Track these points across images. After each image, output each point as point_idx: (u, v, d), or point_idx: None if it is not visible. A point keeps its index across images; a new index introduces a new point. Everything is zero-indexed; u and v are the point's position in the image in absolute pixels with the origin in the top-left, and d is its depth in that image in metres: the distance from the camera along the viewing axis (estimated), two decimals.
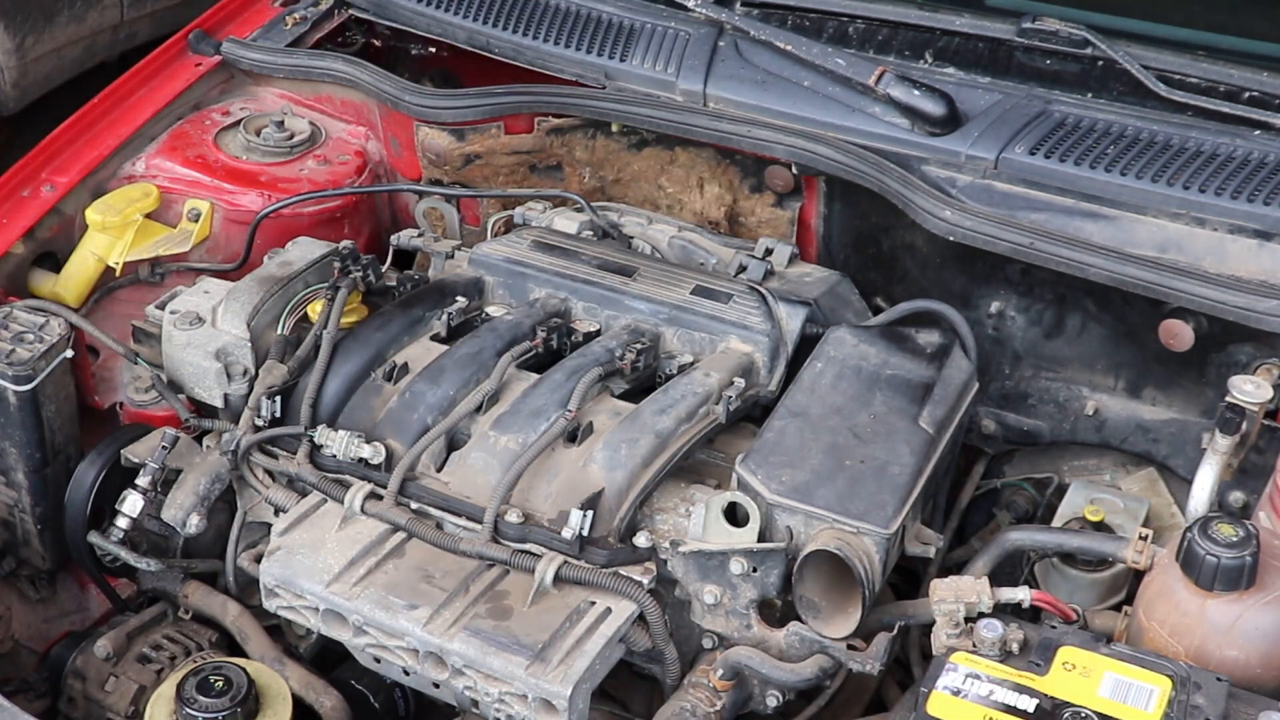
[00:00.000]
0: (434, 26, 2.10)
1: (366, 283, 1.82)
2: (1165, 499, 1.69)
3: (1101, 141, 1.68)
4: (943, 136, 1.72)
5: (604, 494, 1.49)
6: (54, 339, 1.73)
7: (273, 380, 1.69)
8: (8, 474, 1.76)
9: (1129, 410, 1.73)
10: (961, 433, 1.66)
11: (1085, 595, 1.56)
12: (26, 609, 1.87)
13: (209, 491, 1.67)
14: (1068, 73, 1.76)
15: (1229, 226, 1.59)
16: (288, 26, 2.20)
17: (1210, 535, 1.29)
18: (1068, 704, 1.21)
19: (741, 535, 1.44)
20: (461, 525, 1.53)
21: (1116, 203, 1.64)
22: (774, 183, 1.86)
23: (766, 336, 1.71)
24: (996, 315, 1.78)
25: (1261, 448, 1.57)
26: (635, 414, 1.57)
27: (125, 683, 1.65)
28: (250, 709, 1.50)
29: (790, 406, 1.58)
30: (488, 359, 1.68)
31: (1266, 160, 1.62)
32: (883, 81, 1.74)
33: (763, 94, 1.81)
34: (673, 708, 1.43)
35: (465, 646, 1.41)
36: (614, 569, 1.47)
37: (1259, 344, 1.61)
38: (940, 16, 1.82)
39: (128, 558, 1.69)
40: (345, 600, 1.46)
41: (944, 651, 1.29)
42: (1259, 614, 1.28)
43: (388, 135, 2.09)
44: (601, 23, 1.95)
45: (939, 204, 1.66)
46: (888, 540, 1.41)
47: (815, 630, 1.43)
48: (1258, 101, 1.68)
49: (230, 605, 1.70)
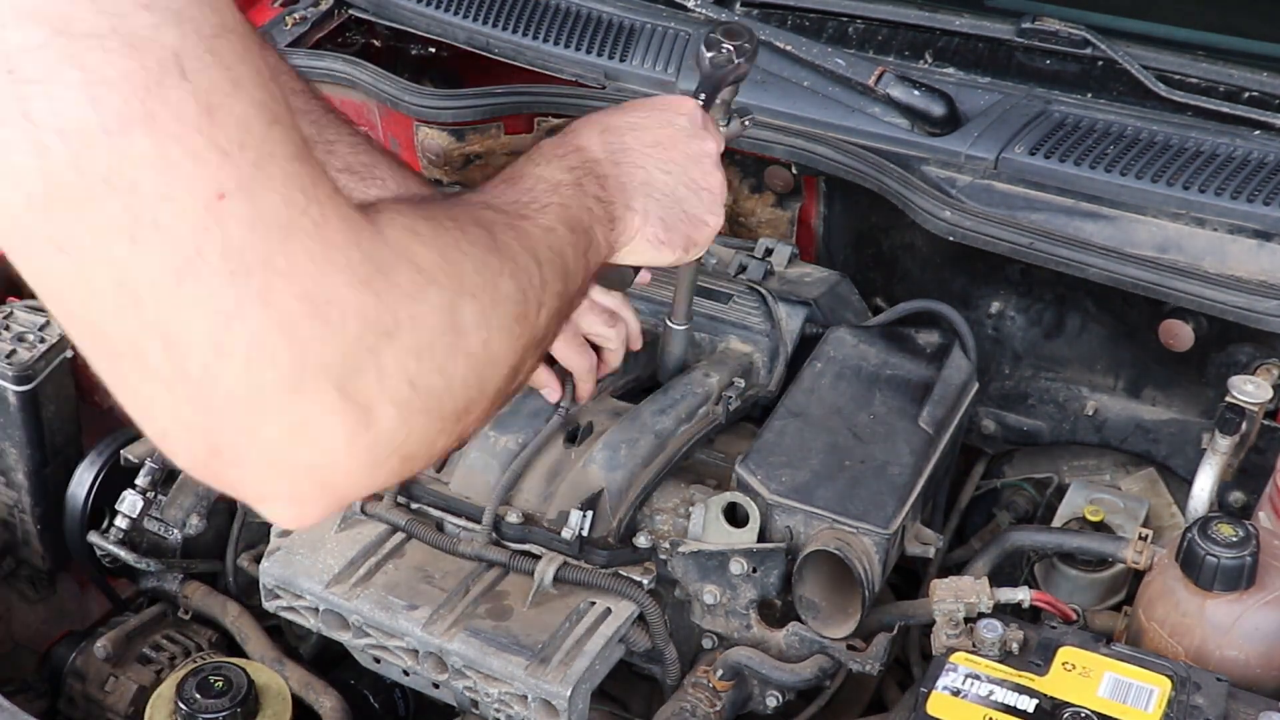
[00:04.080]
0: (434, 26, 2.10)
1: None
2: (1165, 499, 1.69)
3: (1101, 141, 1.68)
4: (943, 136, 1.72)
5: (604, 494, 1.49)
6: (54, 339, 1.73)
7: None
8: (7, 474, 1.76)
9: (1129, 410, 1.73)
10: (961, 433, 1.66)
11: (1085, 595, 1.56)
12: (26, 609, 1.87)
13: (209, 492, 1.67)
14: (1068, 73, 1.76)
15: (1229, 226, 1.59)
16: (287, 27, 2.20)
17: (1210, 535, 1.29)
18: (1067, 704, 1.21)
19: (741, 535, 1.44)
20: (461, 525, 1.53)
21: (1116, 203, 1.64)
22: (774, 183, 1.86)
23: (766, 336, 1.71)
24: (996, 315, 1.78)
25: (1261, 448, 1.56)
26: (635, 414, 1.57)
27: (125, 683, 1.65)
28: (250, 709, 1.50)
29: (790, 406, 1.58)
30: None
31: (1266, 160, 1.62)
32: (882, 81, 1.74)
33: (762, 94, 1.81)
34: (672, 708, 1.43)
35: (465, 647, 1.41)
36: (614, 569, 1.47)
37: (1259, 344, 1.60)
38: (940, 16, 1.82)
39: (127, 558, 1.68)
40: (345, 600, 1.46)
41: (944, 651, 1.29)
42: (1259, 614, 1.28)
43: (387, 135, 2.09)
44: (601, 23, 1.95)
45: (939, 204, 1.66)
46: (888, 540, 1.41)
47: (815, 630, 1.43)
48: (1258, 101, 1.67)
49: (230, 605, 1.70)
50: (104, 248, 0.77)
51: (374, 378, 0.85)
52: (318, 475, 0.86)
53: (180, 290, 0.78)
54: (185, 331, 0.79)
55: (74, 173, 0.74)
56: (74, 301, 0.82)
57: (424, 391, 0.88)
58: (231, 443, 0.83)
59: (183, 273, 0.77)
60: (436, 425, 0.91)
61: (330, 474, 0.86)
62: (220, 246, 0.78)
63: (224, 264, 0.78)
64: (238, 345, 0.80)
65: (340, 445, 0.85)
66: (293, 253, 0.80)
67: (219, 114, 0.77)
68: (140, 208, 0.76)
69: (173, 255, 0.77)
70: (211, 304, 0.79)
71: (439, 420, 0.91)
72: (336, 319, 0.82)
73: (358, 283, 0.83)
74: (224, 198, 0.77)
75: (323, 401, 0.83)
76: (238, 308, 0.79)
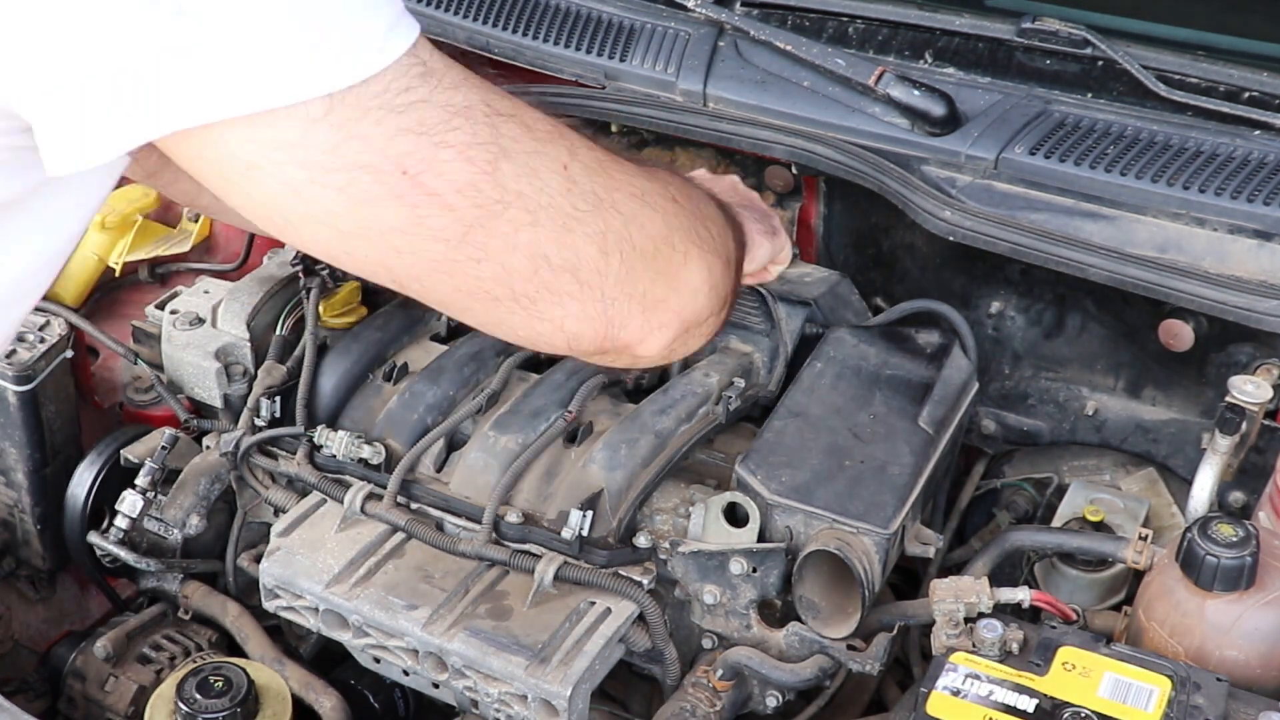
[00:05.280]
0: (434, 26, 2.10)
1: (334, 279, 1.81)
2: (1165, 499, 1.69)
3: (1101, 141, 1.68)
4: (943, 136, 1.72)
5: (604, 494, 1.49)
6: (54, 339, 1.73)
7: (272, 381, 1.69)
8: (7, 474, 1.76)
9: (1129, 410, 1.73)
10: (961, 433, 1.66)
11: (1085, 595, 1.56)
12: (26, 609, 1.87)
13: (209, 492, 1.67)
14: (1068, 73, 1.76)
15: (1229, 226, 1.59)
16: None
17: (1210, 535, 1.29)
18: (1067, 704, 1.21)
19: (741, 535, 1.44)
20: (461, 525, 1.53)
21: (1116, 203, 1.64)
22: (774, 183, 1.86)
23: (766, 336, 1.71)
24: (996, 315, 1.78)
25: (1261, 448, 1.56)
26: (635, 414, 1.57)
27: (125, 683, 1.65)
28: (250, 709, 1.50)
29: (790, 407, 1.58)
30: (488, 359, 1.69)
31: (1266, 160, 1.62)
32: (882, 81, 1.74)
33: (763, 94, 1.81)
34: (672, 708, 1.43)
35: (465, 647, 1.41)
36: (614, 569, 1.47)
37: (1259, 344, 1.60)
38: (940, 16, 1.82)
39: (127, 558, 1.68)
40: (345, 600, 1.46)
41: (944, 651, 1.29)
42: (1259, 614, 1.28)
43: None
44: (601, 23, 1.95)
45: (939, 204, 1.66)
46: (887, 540, 1.41)
47: (815, 630, 1.43)
48: (1258, 101, 1.67)
49: (230, 605, 1.70)
50: (510, 240, 1.07)
51: (706, 233, 1.29)
52: (683, 314, 1.25)
53: (569, 235, 1.10)
54: (579, 258, 1.12)
55: (477, 210, 1.04)
56: (489, 284, 1.09)
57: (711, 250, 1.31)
58: (621, 313, 1.17)
59: (567, 225, 1.10)
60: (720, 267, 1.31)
61: (692, 312, 1.26)
62: (580, 197, 1.11)
63: (586, 205, 1.11)
64: (614, 258, 1.14)
65: (700, 286, 1.26)
66: (617, 183, 1.16)
67: (538, 128, 1.10)
68: (531, 205, 1.07)
69: (559, 219, 1.09)
70: (591, 232, 1.12)
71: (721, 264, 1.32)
72: (661, 207, 1.22)
73: (670, 202, 1.24)
74: (566, 167, 1.10)
75: (687, 260, 1.24)
76: (605, 230, 1.13)
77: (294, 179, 0.97)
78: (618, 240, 1.15)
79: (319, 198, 0.98)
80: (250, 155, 0.96)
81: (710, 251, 1.29)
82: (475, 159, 1.02)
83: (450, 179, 1.01)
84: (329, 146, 0.96)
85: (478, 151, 1.02)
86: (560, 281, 1.12)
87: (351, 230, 1.01)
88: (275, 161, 0.96)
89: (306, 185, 0.97)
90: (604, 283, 1.15)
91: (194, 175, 1.00)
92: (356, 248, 1.04)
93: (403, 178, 0.99)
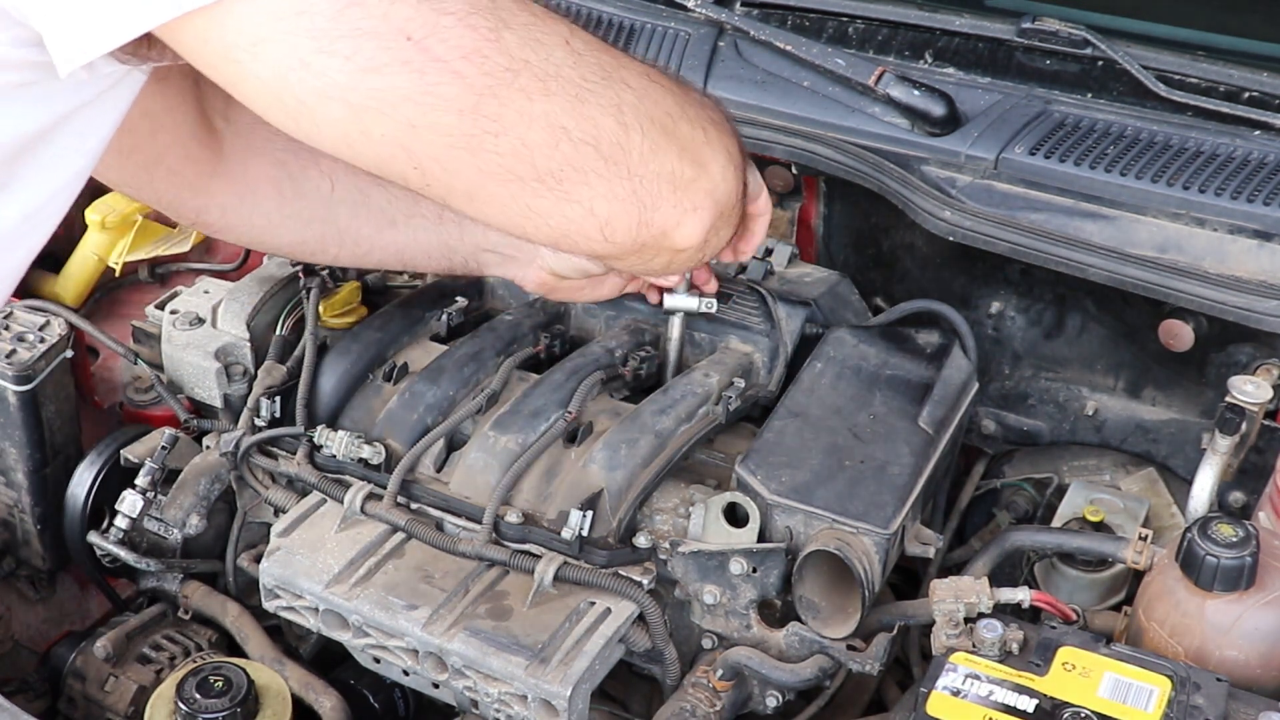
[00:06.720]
0: None
1: (334, 279, 1.81)
2: (1165, 499, 1.69)
3: (1101, 141, 1.68)
4: (943, 136, 1.72)
5: (604, 494, 1.49)
6: (54, 339, 1.73)
7: (272, 381, 1.69)
8: (7, 474, 1.76)
9: (1129, 410, 1.73)
10: (961, 433, 1.66)
11: (1085, 595, 1.56)
12: (26, 609, 1.87)
13: (209, 492, 1.67)
14: (1068, 73, 1.76)
15: (1229, 226, 1.59)
16: None
17: (1210, 535, 1.29)
18: (1067, 704, 1.21)
19: (741, 535, 1.44)
20: (461, 525, 1.53)
21: (1116, 203, 1.64)
22: (774, 183, 1.86)
23: (766, 336, 1.71)
24: (996, 315, 1.78)
25: (1261, 448, 1.57)
26: (635, 414, 1.57)
27: (125, 683, 1.65)
28: (250, 709, 1.50)
29: (790, 407, 1.58)
30: (488, 359, 1.69)
31: (1266, 160, 1.62)
32: (882, 81, 1.74)
33: (762, 94, 1.81)
34: (672, 708, 1.43)
35: (465, 647, 1.41)
36: (614, 569, 1.47)
37: (1259, 344, 1.61)
38: (940, 16, 1.82)
39: (127, 558, 1.68)
40: (345, 600, 1.46)
41: (944, 651, 1.29)
42: (1259, 614, 1.28)
43: None
44: (601, 23, 1.95)
45: (939, 204, 1.66)
46: (887, 540, 1.41)
47: (815, 630, 1.43)
48: (1258, 101, 1.67)
49: (230, 605, 1.70)
50: (525, 111, 1.05)
51: (717, 114, 1.28)
52: (715, 195, 1.23)
53: (584, 105, 1.08)
54: (599, 129, 1.10)
55: (486, 78, 1.02)
56: (510, 161, 1.07)
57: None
58: (651, 192, 1.16)
59: (580, 95, 1.08)
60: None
61: (724, 194, 1.24)
62: (588, 69, 1.10)
63: (595, 76, 1.10)
64: (634, 131, 1.12)
65: (726, 165, 1.24)
66: (621, 61, 1.14)
67: (532, 4, 1.08)
68: (540, 73, 1.05)
69: (570, 89, 1.08)
70: (605, 104, 1.10)
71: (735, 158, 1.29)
72: (667, 86, 1.20)
73: (675, 83, 1.23)
74: (568, 41, 1.09)
75: (708, 138, 1.22)
76: (619, 103, 1.11)
77: (301, 50, 0.97)
78: (634, 113, 1.13)
79: (327, 68, 0.98)
80: (256, 29, 0.97)
81: (727, 134, 1.27)
82: (477, 25, 1.02)
83: (454, 44, 1.01)
84: (332, 13, 0.97)
85: (478, 19, 1.02)
86: (583, 156, 1.10)
87: (363, 103, 1.00)
88: (281, 32, 0.97)
89: (314, 55, 0.97)
90: (629, 159, 1.13)
91: (200, 67, 1.01)
92: (372, 125, 1.02)
93: (407, 43, 0.99)
